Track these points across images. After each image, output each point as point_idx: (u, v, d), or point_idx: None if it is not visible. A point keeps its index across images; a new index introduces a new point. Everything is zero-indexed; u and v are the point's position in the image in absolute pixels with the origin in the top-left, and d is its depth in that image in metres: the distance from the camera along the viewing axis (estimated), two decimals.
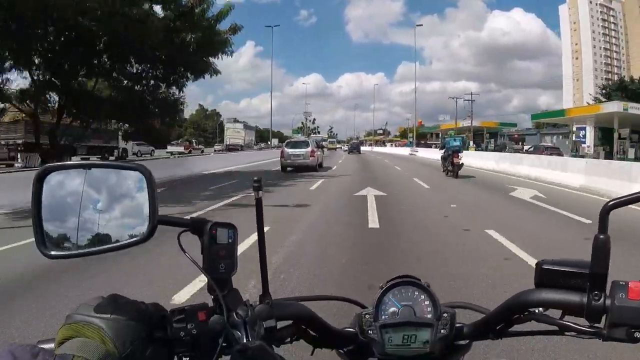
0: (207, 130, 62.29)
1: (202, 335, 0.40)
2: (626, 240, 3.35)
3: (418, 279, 0.52)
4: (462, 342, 0.50)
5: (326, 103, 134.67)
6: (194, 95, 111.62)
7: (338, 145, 57.60)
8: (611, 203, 0.38)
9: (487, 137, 36.70)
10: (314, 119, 76.42)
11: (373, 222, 4.32)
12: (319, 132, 75.50)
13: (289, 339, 0.50)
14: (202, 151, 30.15)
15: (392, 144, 54.76)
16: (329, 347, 0.53)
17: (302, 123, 71.42)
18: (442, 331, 0.48)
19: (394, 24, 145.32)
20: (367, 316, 0.50)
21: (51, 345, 0.33)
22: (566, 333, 0.42)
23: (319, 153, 14.08)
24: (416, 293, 0.51)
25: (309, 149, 12.40)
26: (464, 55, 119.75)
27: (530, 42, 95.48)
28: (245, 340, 0.40)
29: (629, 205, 0.38)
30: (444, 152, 10.35)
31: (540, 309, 0.43)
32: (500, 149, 29.00)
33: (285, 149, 12.84)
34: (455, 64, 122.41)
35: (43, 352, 0.29)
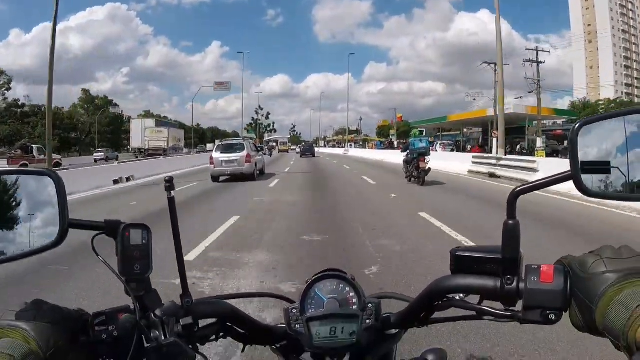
0: (104, 129, 55.77)
1: (124, 337, 0.50)
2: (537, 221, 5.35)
3: (344, 272, 0.65)
4: (392, 332, 0.63)
5: (293, 104, 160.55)
6: (157, 97, 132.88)
7: (292, 147, 61.53)
8: (518, 189, 0.49)
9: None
10: (268, 114, 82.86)
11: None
12: (274, 131, 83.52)
13: (213, 337, 0.61)
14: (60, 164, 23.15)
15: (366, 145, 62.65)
16: (260, 344, 0.65)
17: (253, 119, 77.14)
18: (367, 321, 0.60)
19: (361, 24, 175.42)
20: (294, 311, 0.61)
21: None
22: (484, 317, 0.54)
23: (258, 158, 14.48)
24: (341, 286, 0.64)
25: (244, 153, 12.74)
26: (431, 55, 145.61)
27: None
28: (162, 339, 0.51)
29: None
30: (407, 155, 10.80)
31: (460, 295, 0.55)
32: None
33: (215, 154, 13.00)
34: (422, 64, 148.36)
35: None
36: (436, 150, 31.39)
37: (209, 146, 62.77)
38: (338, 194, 9.14)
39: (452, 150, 32.95)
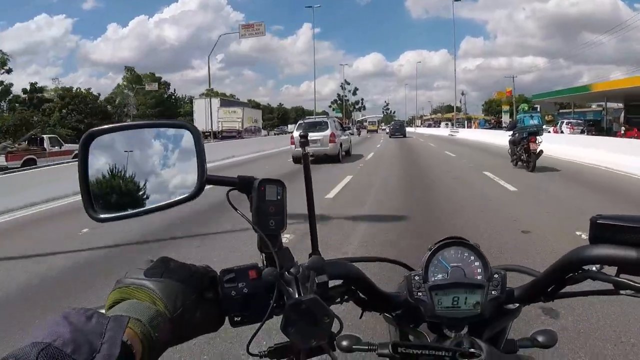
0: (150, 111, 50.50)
1: (254, 294, 0.54)
2: None
3: (467, 240, 0.68)
4: (512, 306, 0.65)
5: (388, 83, 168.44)
6: (252, 81, 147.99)
7: (383, 127, 64.49)
8: None
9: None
10: (355, 89, 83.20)
11: None
12: (363, 108, 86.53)
13: (338, 299, 0.66)
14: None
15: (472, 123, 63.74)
16: (378, 311, 0.70)
17: (339, 96, 79.15)
18: (493, 292, 0.62)
19: None
20: (416, 278, 0.65)
21: (103, 311, 0.45)
22: (621, 292, 0.54)
23: (344, 137, 14.72)
24: (466, 254, 0.67)
25: (328, 132, 13.06)
26: (530, 28, 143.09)
27: (601, 14, 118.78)
28: (296, 296, 0.54)
29: None
30: (514, 135, 10.12)
31: (597, 266, 0.55)
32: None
33: (296, 133, 13.38)
34: (521, 37, 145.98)
35: (97, 314, 0.39)
36: (561, 132, 27.55)
37: (290, 127, 66.48)
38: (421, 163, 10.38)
39: (582, 132, 28.10)
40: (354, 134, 67.43)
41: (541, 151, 9.38)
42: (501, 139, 20.29)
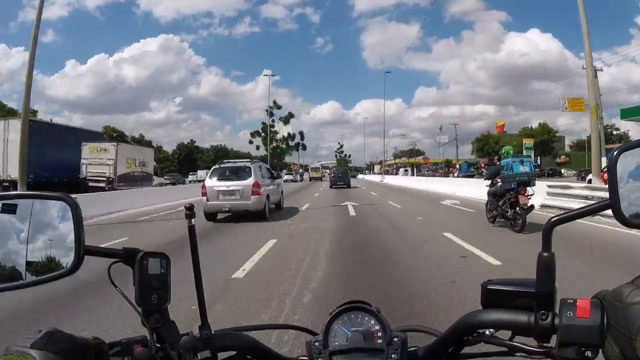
0: None
1: None
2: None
3: (368, 304, 0.85)
4: None
5: (344, 130, 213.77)
6: (210, 125, 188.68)
7: (326, 172, 70.25)
8: (554, 219, 0.64)
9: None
10: (289, 116, 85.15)
11: None
12: (303, 148, 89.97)
13: None
14: None
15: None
16: None
17: (264, 124, 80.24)
18: (393, 356, 0.77)
19: (410, 48, 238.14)
20: (316, 344, 0.81)
21: None
22: (516, 354, 0.69)
23: (272, 187, 14.93)
24: (366, 318, 0.83)
25: (250, 180, 13.11)
26: (481, 78, 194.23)
27: (548, 63, 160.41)
28: None
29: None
30: (495, 186, 10.52)
31: (491, 330, 0.71)
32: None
33: (209, 182, 13.40)
34: (472, 87, 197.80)
35: None
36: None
37: (200, 173, 67.63)
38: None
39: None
40: (296, 180, 71.64)
41: (532, 206, 9.68)
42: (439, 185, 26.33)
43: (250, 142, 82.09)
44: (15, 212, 0.69)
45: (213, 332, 0.75)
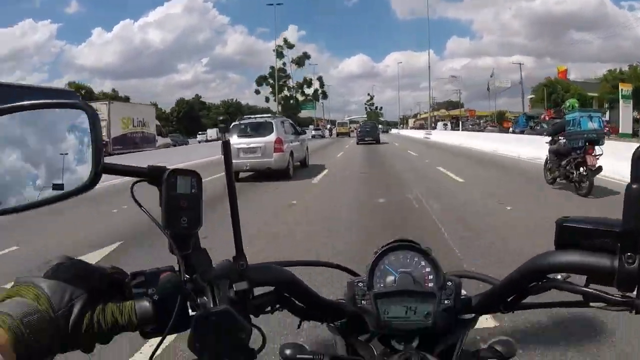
0: None
1: (166, 302, 0.65)
2: None
3: (417, 243, 0.84)
4: (468, 317, 0.82)
5: (374, 83, 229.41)
6: (237, 84, 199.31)
7: (354, 127, 70.31)
8: None
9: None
10: (305, 56, 78.92)
11: None
12: (323, 96, 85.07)
13: (269, 308, 0.80)
14: None
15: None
16: (318, 320, 0.86)
17: (272, 69, 75.92)
18: (445, 302, 0.78)
19: None
20: (359, 284, 0.82)
21: None
22: (592, 304, 0.66)
23: (295, 144, 15.17)
24: (416, 259, 0.83)
25: (272, 137, 13.39)
26: (515, 27, 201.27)
27: (586, 12, 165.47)
28: (211, 306, 0.65)
29: None
30: (557, 143, 10.16)
31: (562, 275, 0.69)
32: None
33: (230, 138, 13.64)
34: (507, 37, 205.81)
35: None
36: None
37: (210, 132, 68.36)
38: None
39: None
40: (324, 136, 73.41)
41: (600, 167, 9.26)
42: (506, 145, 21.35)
43: (257, 92, 76.93)
44: (30, 125, 0.70)
45: (249, 264, 0.75)
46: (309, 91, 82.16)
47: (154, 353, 0.67)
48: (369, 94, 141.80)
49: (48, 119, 0.72)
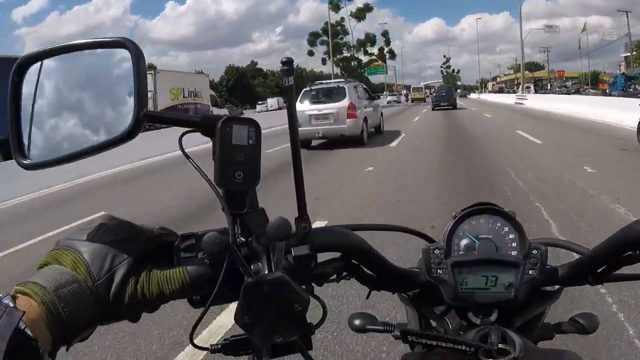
0: None
1: (218, 266, 0.63)
2: None
3: (500, 207, 0.82)
4: (551, 289, 0.79)
5: (449, 50, 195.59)
6: (319, 54, 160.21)
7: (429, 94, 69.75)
8: None
9: None
10: (366, 7, 68.58)
11: None
12: (391, 56, 77.52)
13: (334, 277, 0.77)
14: None
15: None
16: (389, 290, 0.83)
17: (324, 27, 66.49)
18: (530, 272, 0.75)
19: None
20: (436, 252, 0.79)
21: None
22: None
23: (369, 110, 15.28)
24: (498, 224, 0.81)
25: (345, 102, 13.57)
26: None
27: None
28: (266, 272, 0.63)
29: None
30: None
31: None
32: None
33: (299, 106, 13.56)
34: None
35: None
36: None
37: (270, 102, 70.08)
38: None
39: None
40: (399, 101, 73.83)
41: None
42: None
43: (310, 53, 68.77)
44: (74, 69, 0.71)
45: (313, 228, 0.71)
46: (373, 50, 74.49)
47: (197, 323, 0.65)
48: (444, 56, 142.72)
49: (92, 61, 0.70)
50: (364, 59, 68.85)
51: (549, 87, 72.71)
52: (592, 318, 0.85)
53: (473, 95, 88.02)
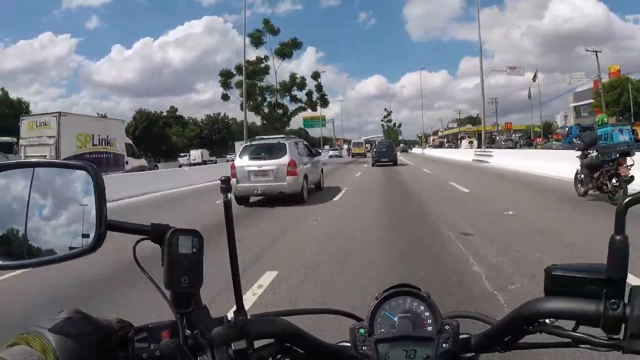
0: None
1: (167, 358, 0.75)
2: None
3: (417, 288, 0.95)
4: (468, 355, 0.93)
5: (390, 104, 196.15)
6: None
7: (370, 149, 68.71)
8: (628, 199, 0.71)
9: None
10: (294, 43, 54.11)
11: None
12: (322, 103, 58.39)
13: (270, 359, 0.89)
14: None
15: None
16: None
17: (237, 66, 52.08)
18: (444, 345, 0.89)
19: (453, 19, 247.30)
20: (361, 330, 0.92)
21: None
22: (581, 346, 0.77)
23: (309, 166, 15.75)
24: (415, 304, 0.94)
25: (285, 159, 13.99)
26: (526, 46, 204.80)
27: (594, 28, 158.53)
28: None
29: None
30: (589, 157, 11.70)
31: (551, 319, 0.79)
32: None
33: (239, 162, 14.34)
34: (518, 55, 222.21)
35: None
36: None
37: (194, 154, 66.22)
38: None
39: None
40: (341, 156, 75.41)
41: (633, 177, 10.70)
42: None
43: (225, 97, 52.45)
44: (39, 183, 0.81)
45: (249, 316, 0.85)
46: (301, 95, 58.93)
47: None
48: (385, 109, 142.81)
49: (58, 178, 0.82)
50: (291, 106, 58.05)
51: (494, 141, 72.00)
52: None
53: (416, 150, 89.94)
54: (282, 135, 16.53)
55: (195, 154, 69.44)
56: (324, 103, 61.07)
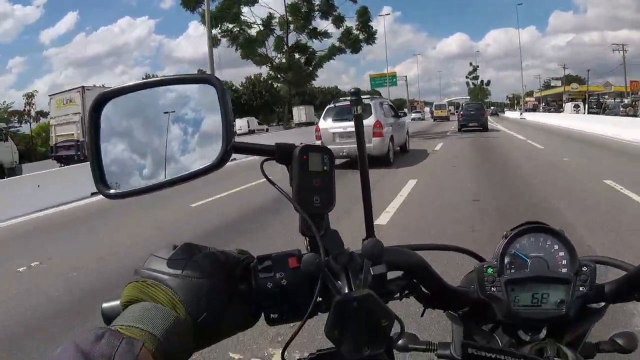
0: None
1: (294, 287, 0.73)
2: None
3: (549, 225, 0.92)
4: (597, 306, 0.89)
5: (476, 60, 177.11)
6: (334, 70, 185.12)
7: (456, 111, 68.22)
8: None
9: None
10: None
11: None
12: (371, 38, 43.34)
13: (397, 295, 0.88)
14: None
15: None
16: (441, 308, 0.94)
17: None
18: (580, 289, 0.85)
19: None
20: (489, 270, 0.89)
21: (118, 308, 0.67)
22: None
23: (393, 129, 15.87)
24: (548, 242, 0.91)
25: (371, 120, 14.12)
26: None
27: None
28: (346, 291, 0.70)
29: None
30: None
31: None
32: None
33: (323, 124, 14.78)
34: (613, 9, 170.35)
35: (109, 334, 0.56)
36: None
37: (239, 123, 59.44)
38: None
39: None
40: (423, 118, 77.13)
41: None
42: None
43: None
44: (155, 103, 0.83)
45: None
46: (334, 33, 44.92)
47: (290, 340, 0.75)
48: (471, 64, 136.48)
49: (180, 94, 0.84)
50: (314, 44, 44.06)
51: (602, 106, 57.15)
52: (631, 337, 0.95)
53: (509, 114, 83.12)
54: (367, 96, 16.62)
55: (241, 123, 60.66)
56: (370, 37, 44.37)
